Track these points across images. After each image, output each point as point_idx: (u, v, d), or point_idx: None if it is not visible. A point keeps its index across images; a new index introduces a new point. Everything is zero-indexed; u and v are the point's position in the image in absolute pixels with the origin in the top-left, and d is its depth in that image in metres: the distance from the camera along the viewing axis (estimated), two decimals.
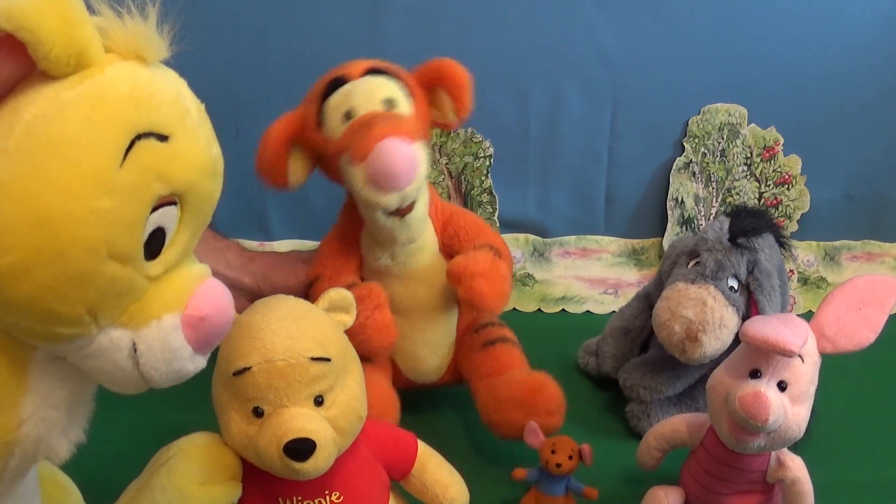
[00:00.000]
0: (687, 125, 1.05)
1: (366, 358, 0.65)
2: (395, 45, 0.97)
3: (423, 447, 0.57)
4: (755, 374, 0.54)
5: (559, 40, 1.00)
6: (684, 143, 1.05)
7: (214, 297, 0.39)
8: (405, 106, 0.67)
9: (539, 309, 1.04)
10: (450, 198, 1.04)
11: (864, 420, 0.79)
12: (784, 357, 0.53)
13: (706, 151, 1.05)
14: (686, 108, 1.04)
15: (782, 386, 0.54)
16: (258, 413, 0.48)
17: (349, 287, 0.66)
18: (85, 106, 0.33)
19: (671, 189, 1.05)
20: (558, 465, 0.60)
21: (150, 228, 0.36)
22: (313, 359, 0.48)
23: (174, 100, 0.37)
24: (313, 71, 0.98)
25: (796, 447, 0.59)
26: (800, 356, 0.54)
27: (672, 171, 1.05)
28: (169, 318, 0.37)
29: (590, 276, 1.06)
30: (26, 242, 0.32)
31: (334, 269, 0.71)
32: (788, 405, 0.54)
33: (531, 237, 1.07)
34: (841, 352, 0.56)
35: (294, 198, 1.03)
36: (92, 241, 0.33)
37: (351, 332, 0.63)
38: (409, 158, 0.61)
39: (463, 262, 0.67)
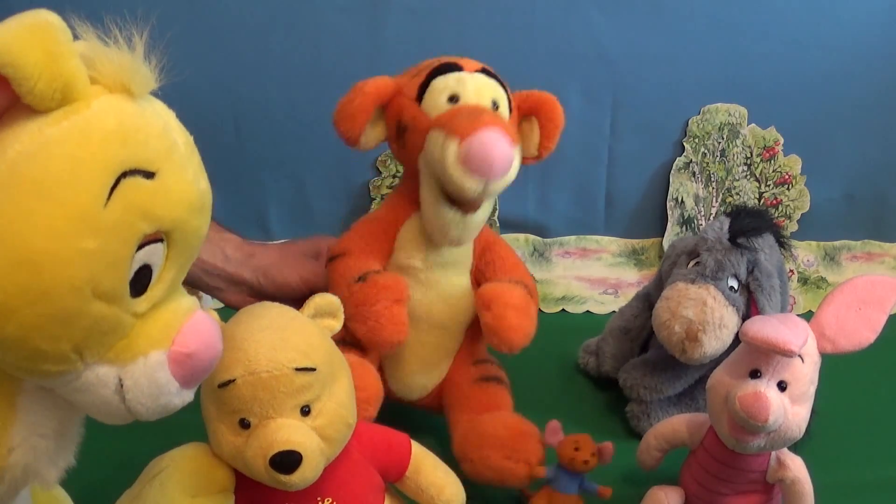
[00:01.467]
0: (687, 125, 1.05)
1: (359, 347, 0.64)
2: (395, 45, 0.97)
3: (417, 448, 0.57)
4: (755, 374, 0.54)
5: (559, 40, 0.99)
6: (684, 143, 1.05)
7: (201, 333, 0.39)
8: (506, 114, 0.66)
9: (539, 309, 1.03)
10: None
11: (864, 420, 0.79)
12: (784, 357, 0.53)
13: (706, 151, 1.05)
14: (686, 108, 1.04)
15: (782, 386, 0.54)
16: (244, 424, 0.47)
17: (375, 273, 0.65)
18: (70, 143, 0.32)
19: (671, 189, 1.05)
20: (585, 462, 0.61)
21: (135, 266, 0.35)
22: (298, 369, 0.47)
23: (161, 134, 0.36)
24: (313, 71, 0.99)
25: (796, 447, 0.59)
26: (800, 356, 0.54)
27: (672, 171, 1.05)
28: (155, 354, 0.37)
29: (590, 276, 1.06)
30: (10, 282, 0.31)
31: (363, 249, 0.68)
32: (788, 405, 0.54)
33: (531, 237, 1.07)
34: (841, 352, 0.56)
35: (294, 197, 1.03)
36: (77, 281, 0.33)
37: (363, 317, 0.62)
38: (507, 154, 0.60)
39: (497, 289, 0.65)
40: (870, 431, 0.77)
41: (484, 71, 0.66)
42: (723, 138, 1.05)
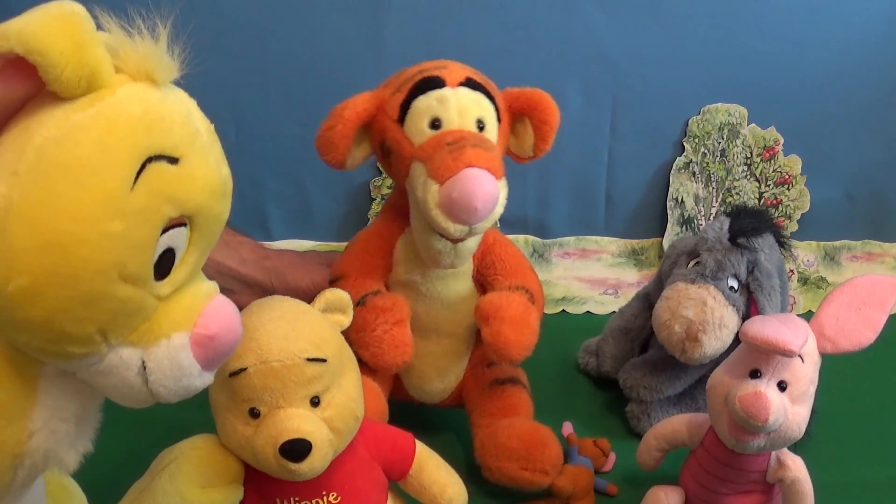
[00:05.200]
0: (687, 125, 1.05)
1: (371, 369, 0.63)
2: (395, 45, 0.97)
3: (420, 447, 0.57)
4: (755, 374, 0.54)
5: (559, 40, 0.99)
6: (684, 143, 1.05)
7: (223, 316, 0.40)
8: (493, 130, 0.63)
9: None
10: None
11: (864, 420, 0.79)
12: (784, 357, 0.53)
13: (706, 151, 1.05)
14: (686, 108, 1.04)
15: (782, 386, 0.54)
16: (254, 414, 0.48)
17: (374, 294, 0.64)
18: (96, 129, 0.33)
19: (671, 189, 1.05)
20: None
21: (160, 250, 0.36)
22: (309, 360, 0.48)
23: (184, 122, 0.37)
24: (313, 71, 0.99)
25: (796, 447, 0.59)
26: (800, 356, 0.54)
27: (672, 171, 1.05)
28: (178, 336, 0.38)
29: (590, 276, 1.06)
30: (38, 265, 0.32)
31: (361, 271, 0.67)
32: (788, 405, 0.54)
33: (531, 238, 1.06)
34: (841, 352, 0.56)
35: (294, 198, 1.03)
36: (103, 264, 0.33)
37: (365, 343, 0.62)
38: (490, 195, 0.58)
39: (496, 302, 0.64)
40: (870, 431, 0.77)
41: (468, 82, 0.63)
42: (723, 138, 1.05)
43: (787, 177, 1.07)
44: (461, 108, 0.61)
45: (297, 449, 0.46)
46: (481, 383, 0.71)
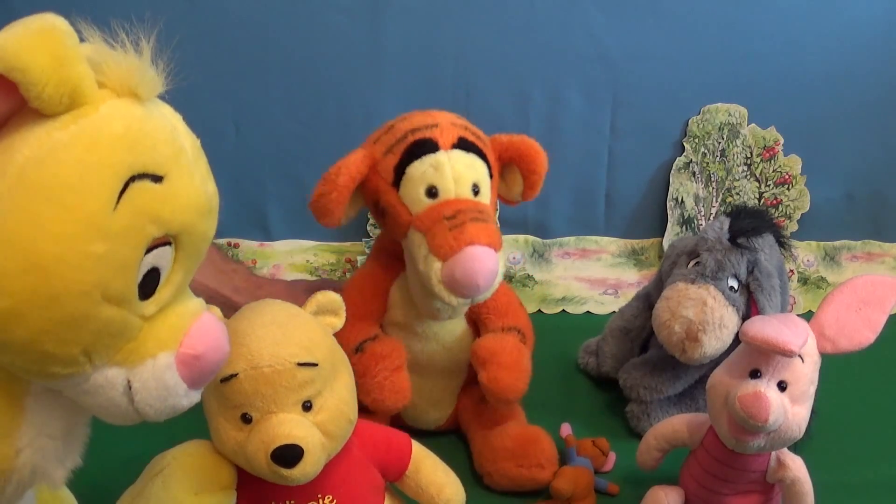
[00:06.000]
0: (687, 125, 1.05)
1: (369, 411, 0.65)
2: (395, 45, 0.97)
3: (417, 448, 0.57)
4: (755, 374, 0.54)
5: (559, 40, 0.99)
6: (684, 143, 1.05)
7: (209, 335, 0.39)
8: (487, 192, 0.64)
9: (539, 310, 1.04)
10: None
11: (864, 420, 0.79)
12: (784, 357, 0.53)
13: (706, 151, 1.05)
14: (686, 108, 1.04)
15: (782, 386, 0.54)
16: (246, 419, 0.48)
17: (372, 340, 0.66)
18: (78, 148, 0.32)
19: (671, 189, 1.05)
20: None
21: (144, 270, 0.36)
22: (300, 364, 0.47)
23: (169, 138, 0.36)
24: (313, 71, 0.99)
25: (796, 447, 0.59)
26: (800, 356, 0.54)
27: (672, 171, 1.05)
28: (163, 356, 0.37)
29: (590, 276, 1.06)
30: (20, 287, 0.32)
31: (356, 316, 0.64)
32: (788, 405, 0.54)
33: (531, 238, 1.06)
34: (841, 352, 0.56)
35: (294, 198, 1.03)
36: (86, 286, 0.33)
37: (366, 389, 0.63)
38: (491, 270, 0.59)
39: (490, 347, 0.66)
40: (870, 431, 0.77)
41: (461, 143, 0.63)
42: (723, 138, 1.05)
43: (787, 177, 1.07)
44: (457, 175, 0.62)
45: (288, 454, 0.46)
46: (474, 400, 0.72)
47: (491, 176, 0.65)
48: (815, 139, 1.06)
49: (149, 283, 0.36)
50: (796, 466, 0.58)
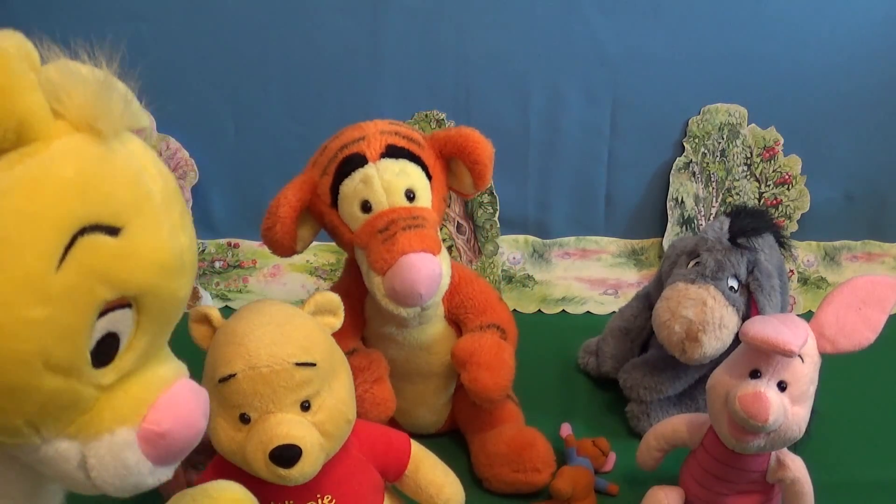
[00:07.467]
0: (687, 125, 1.05)
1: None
2: (395, 45, 0.97)
3: (416, 447, 0.57)
4: (755, 374, 0.54)
5: (559, 40, 1.00)
6: (684, 143, 1.05)
7: (179, 408, 0.35)
8: (425, 196, 0.63)
9: (539, 310, 1.04)
10: (451, 199, 1.04)
11: (864, 420, 0.79)
12: (784, 357, 0.53)
13: (706, 151, 1.05)
14: (686, 108, 1.04)
15: (782, 386, 0.54)
16: (245, 419, 0.48)
17: (350, 354, 0.64)
18: (19, 195, 0.28)
19: (671, 189, 1.05)
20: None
21: (97, 335, 0.31)
22: (298, 364, 0.47)
23: (132, 182, 0.31)
24: (313, 71, 0.99)
25: (796, 447, 0.59)
26: (800, 356, 0.54)
27: (672, 171, 1.05)
28: (123, 432, 0.33)
29: (590, 276, 1.06)
30: None
31: (336, 333, 0.68)
32: (788, 405, 0.54)
33: (531, 238, 1.07)
34: (841, 352, 0.56)
35: None
36: (24, 354, 0.29)
37: None
38: (431, 276, 0.59)
39: (469, 348, 0.66)
40: (870, 431, 0.77)
41: (389, 150, 0.62)
42: (723, 138, 1.05)
43: (787, 177, 1.07)
44: (387, 184, 0.61)
45: (287, 454, 0.46)
46: (469, 402, 0.72)
47: (430, 177, 0.64)
48: (815, 139, 1.06)
49: (105, 350, 0.32)
50: (796, 466, 0.58)
